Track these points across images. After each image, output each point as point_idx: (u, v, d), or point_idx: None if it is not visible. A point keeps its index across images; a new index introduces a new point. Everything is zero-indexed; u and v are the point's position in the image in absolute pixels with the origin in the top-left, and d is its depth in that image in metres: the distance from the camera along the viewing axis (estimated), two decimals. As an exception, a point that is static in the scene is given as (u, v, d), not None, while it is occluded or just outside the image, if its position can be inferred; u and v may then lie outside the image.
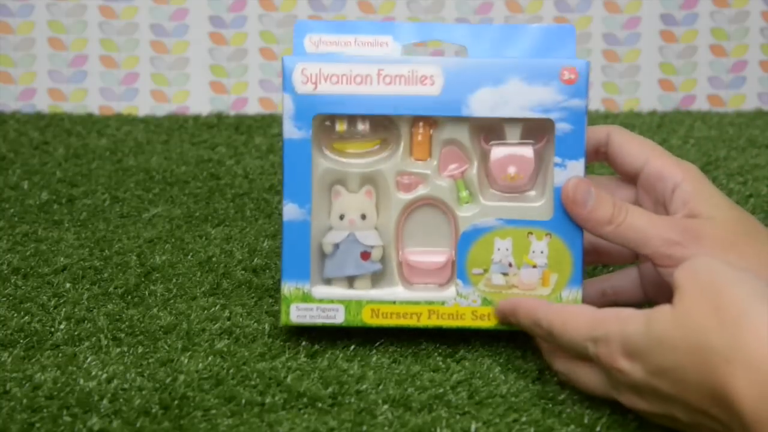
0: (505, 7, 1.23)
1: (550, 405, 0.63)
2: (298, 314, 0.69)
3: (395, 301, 0.69)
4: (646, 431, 0.61)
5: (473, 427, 0.61)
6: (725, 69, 1.25)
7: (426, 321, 0.69)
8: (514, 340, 0.71)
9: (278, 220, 0.91)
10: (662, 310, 0.57)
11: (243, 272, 0.80)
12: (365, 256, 0.69)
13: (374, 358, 0.68)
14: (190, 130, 1.16)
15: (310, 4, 1.23)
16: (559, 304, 0.64)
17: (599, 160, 0.71)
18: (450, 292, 0.69)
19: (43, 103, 1.23)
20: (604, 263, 0.75)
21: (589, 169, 0.78)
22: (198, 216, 0.92)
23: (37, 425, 0.61)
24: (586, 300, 0.69)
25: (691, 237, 0.65)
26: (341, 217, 0.69)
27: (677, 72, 1.25)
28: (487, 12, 1.22)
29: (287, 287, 0.69)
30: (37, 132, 1.14)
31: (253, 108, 1.24)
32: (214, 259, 0.83)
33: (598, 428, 0.61)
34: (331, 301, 0.69)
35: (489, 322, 0.68)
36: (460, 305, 0.68)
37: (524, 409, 0.63)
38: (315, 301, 0.69)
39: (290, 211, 0.69)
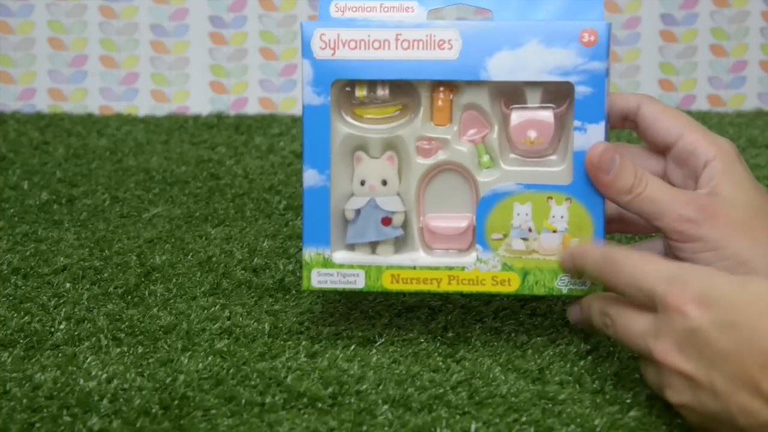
0: (505, 7, 1.23)
1: (550, 405, 0.63)
2: (319, 279, 0.68)
3: (415, 266, 0.68)
4: (646, 431, 0.61)
5: (473, 427, 0.61)
6: (725, 69, 1.25)
7: (446, 287, 0.68)
8: (514, 340, 0.71)
9: (278, 220, 0.91)
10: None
11: (243, 272, 0.80)
12: (386, 221, 0.69)
13: (374, 358, 0.68)
14: (190, 130, 1.16)
15: (310, 4, 1.23)
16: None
17: (626, 127, 0.70)
18: (470, 257, 0.68)
19: (43, 103, 1.23)
20: (629, 233, 0.74)
21: (617, 137, 0.84)
22: (198, 216, 0.92)
23: (37, 425, 0.61)
24: None
25: (706, 215, 0.64)
26: (362, 183, 0.69)
27: (677, 72, 1.25)
28: (487, 12, 1.22)
29: (308, 253, 0.68)
30: (37, 132, 1.14)
31: (253, 108, 1.24)
32: (214, 259, 0.83)
33: (598, 428, 0.61)
34: (352, 267, 0.68)
35: (509, 287, 0.68)
36: (480, 270, 0.68)
37: (524, 409, 0.63)
38: (336, 267, 0.68)
39: (310, 177, 0.68)
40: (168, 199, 0.96)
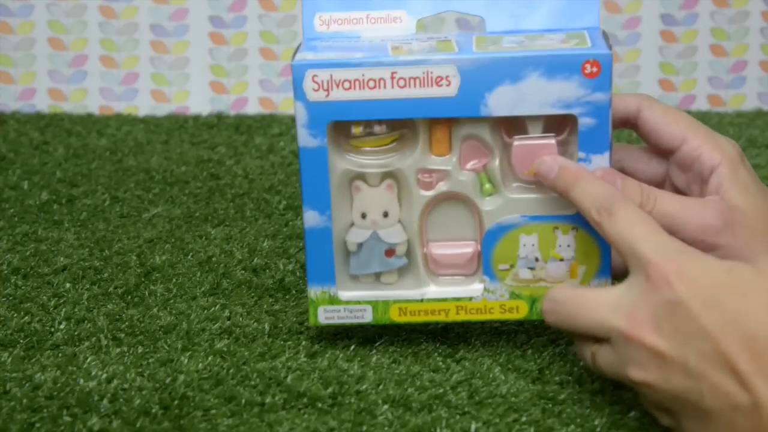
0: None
1: (550, 405, 0.63)
2: (326, 316, 0.68)
3: (423, 299, 0.68)
4: (646, 431, 0.61)
5: (473, 427, 0.61)
6: (725, 69, 1.25)
7: (454, 316, 0.68)
8: (514, 340, 0.71)
9: (278, 220, 0.91)
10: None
11: (243, 272, 0.80)
12: (389, 253, 0.68)
13: (374, 358, 0.68)
14: (190, 130, 1.16)
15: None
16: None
17: (626, 128, 0.70)
18: (477, 288, 0.68)
19: (43, 103, 1.23)
20: None
21: (617, 137, 0.77)
22: (198, 216, 0.92)
23: (37, 425, 0.61)
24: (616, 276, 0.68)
25: (726, 221, 0.64)
26: (363, 216, 0.68)
27: (677, 72, 1.25)
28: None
29: (313, 291, 0.68)
30: (37, 132, 1.14)
31: (253, 108, 1.24)
32: (214, 259, 0.83)
33: (598, 428, 0.61)
34: (358, 302, 0.68)
35: (517, 314, 0.68)
36: (488, 300, 0.68)
37: (524, 409, 0.63)
38: (342, 303, 0.68)
39: (311, 218, 0.67)
40: (168, 199, 0.96)
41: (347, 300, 0.68)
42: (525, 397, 0.64)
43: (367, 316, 0.68)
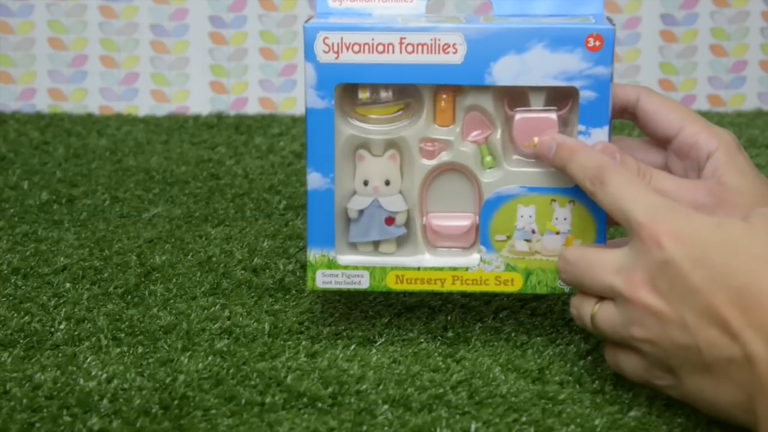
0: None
1: (550, 405, 0.63)
2: (324, 280, 0.69)
3: (420, 267, 0.69)
4: (646, 431, 0.61)
5: (473, 427, 0.61)
6: (725, 69, 1.25)
7: (450, 286, 0.69)
8: (514, 340, 0.71)
9: (278, 220, 0.91)
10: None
11: (243, 272, 0.80)
12: (389, 221, 0.69)
13: (374, 358, 0.68)
14: (190, 130, 1.16)
15: (310, 4, 1.23)
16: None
17: (625, 119, 0.71)
18: (474, 258, 0.69)
19: (43, 103, 1.23)
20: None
21: (621, 131, 0.81)
22: (198, 216, 0.92)
23: (37, 425, 0.61)
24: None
25: (717, 200, 0.65)
26: (365, 183, 0.69)
27: (677, 72, 1.25)
28: (487, 11, 1.22)
29: (312, 254, 0.69)
30: (37, 132, 1.14)
31: (253, 108, 1.24)
32: (214, 259, 0.83)
33: (598, 428, 0.61)
34: (356, 268, 0.69)
35: (512, 287, 0.68)
36: (484, 271, 0.68)
37: (524, 409, 0.63)
38: (340, 268, 0.69)
39: (314, 180, 0.68)
40: (168, 199, 0.96)
41: (345, 265, 0.69)
42: (525, 397, 0.64)
43: (364, 282, 0.69)
